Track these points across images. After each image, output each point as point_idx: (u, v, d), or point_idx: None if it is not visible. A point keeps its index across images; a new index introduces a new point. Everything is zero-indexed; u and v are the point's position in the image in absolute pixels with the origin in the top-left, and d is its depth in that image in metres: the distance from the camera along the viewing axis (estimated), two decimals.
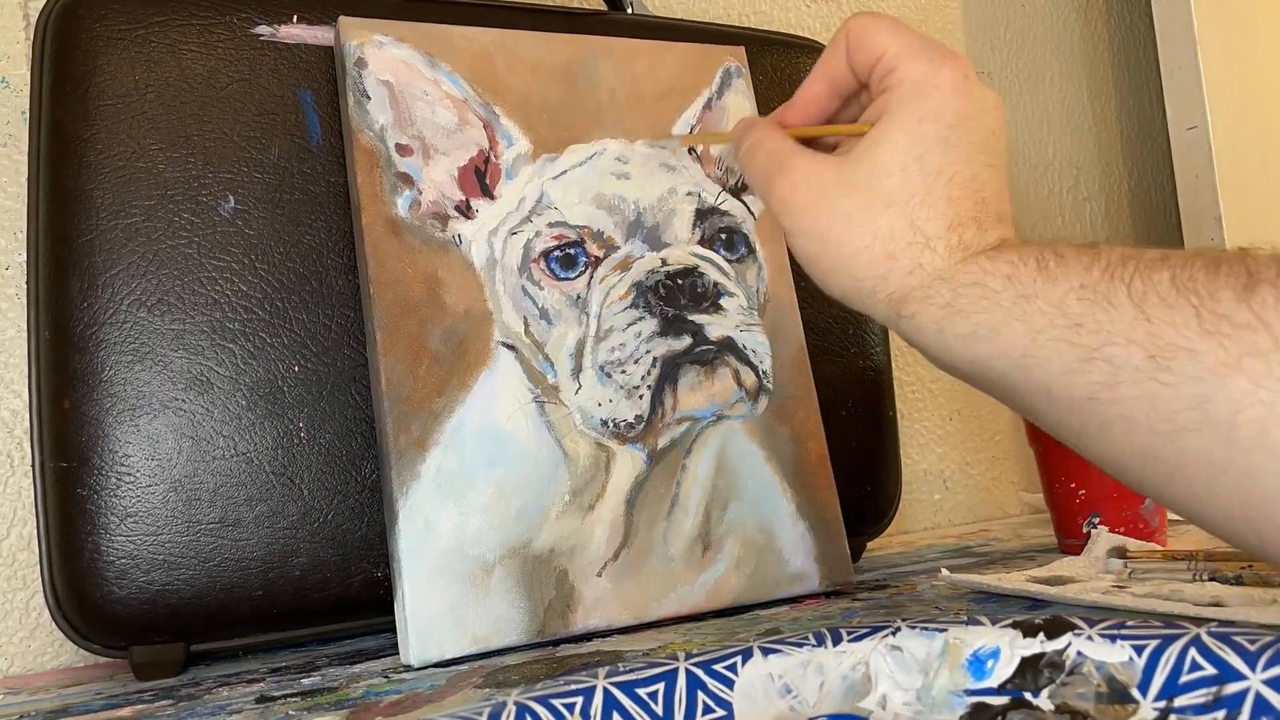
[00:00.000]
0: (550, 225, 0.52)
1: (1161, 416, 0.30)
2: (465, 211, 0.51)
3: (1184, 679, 0.28)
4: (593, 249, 0.53)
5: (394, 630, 0.48)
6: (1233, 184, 0.86)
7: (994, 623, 0.32)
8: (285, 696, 0.42)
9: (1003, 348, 0.34)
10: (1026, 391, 0.34)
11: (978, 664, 0.31)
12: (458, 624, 0.46)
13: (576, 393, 0.51)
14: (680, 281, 0.53)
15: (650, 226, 0.54)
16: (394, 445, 0.47)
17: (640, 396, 0.51)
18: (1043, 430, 0.36)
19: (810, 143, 0.41)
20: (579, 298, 0.52)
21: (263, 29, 0.53)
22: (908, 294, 0.36)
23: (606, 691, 0.30)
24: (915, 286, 0.36)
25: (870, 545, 0.68)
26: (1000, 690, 0.30)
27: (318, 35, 0.53)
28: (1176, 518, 0.72)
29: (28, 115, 0.51)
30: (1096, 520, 0.60)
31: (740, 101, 0.60)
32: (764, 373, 0.55)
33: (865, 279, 0.37)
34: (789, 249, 0.40)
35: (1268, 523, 0.28)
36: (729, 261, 0.55)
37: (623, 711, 0.29)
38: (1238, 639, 0.27)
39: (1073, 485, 0.61)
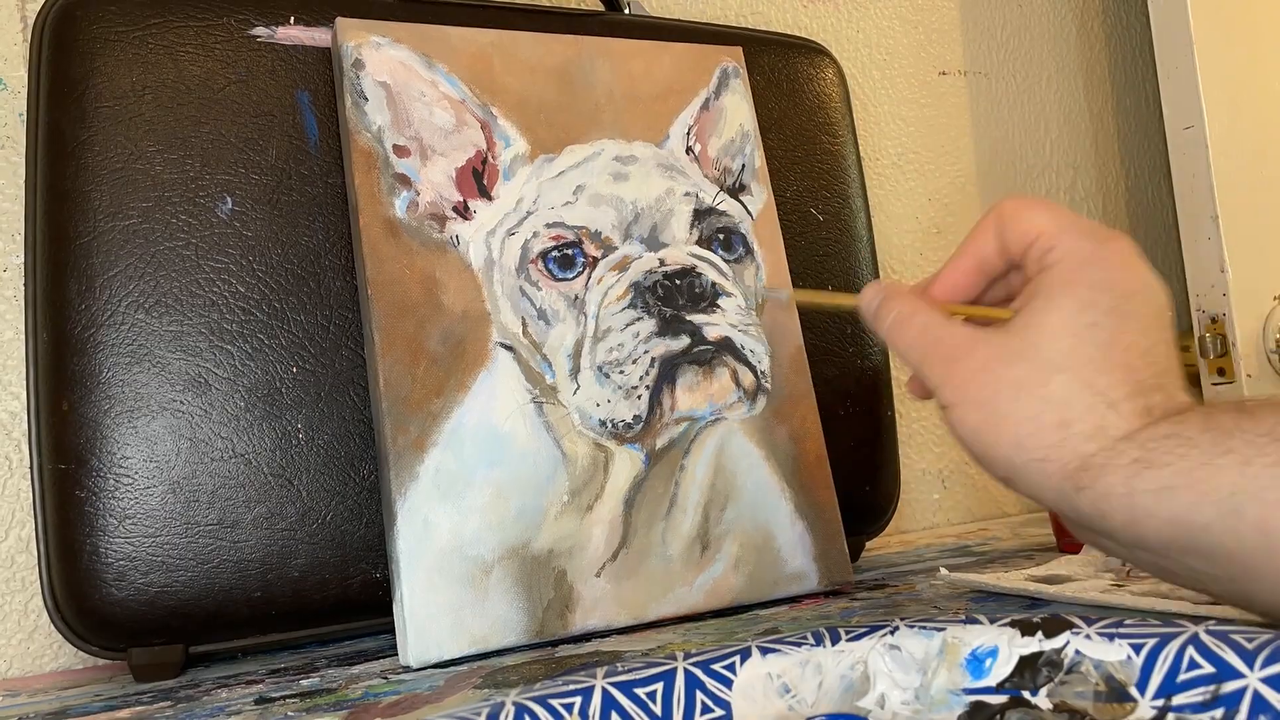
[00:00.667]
0: (548, 226, 0.52)
1: None
2: (463, 212, 0.52)
3: (1182, 677, 0.28)
4: (590, 249, 0.53)
5: (393, 631, 0.48)
6: (1229, 184, 0.86)
7: (992, 622, 0.32)
8: (284, 698, 0.42)
9: (1205, 491, 0.31)
10: (1238, 535, 0.30)
11: (976, 663, 0.31)
12: (456, 625, 0.46)
13: (575, 393, 0.51)
14: (678, 282, 0.53)
15: (648, 227, 0.54)
16: (392, 446, 0.47)
17: (638, 397, 0.51)
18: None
19: None
20: (577, 298, 0.52)
21: (260, 30, 0.53)
22: (1086, 460, 0.33)
23: (605, 691, 0.30)
24: (1096, 451, 0.33)
25: (869, 545, 0.69)
26: (998, 689, 0.30)
27: (315, 37, 0.53)
28: None
29: (25, 117, 0.51)
30: None
31: (738, 102, 0.60)
32: (762, 373, 0.55)
33: (1035, 449, 0.34)
34: (949, 427, 0.37)
35: None
36: (727, 262, 0.56)
37: (621, 711, 0.29)
38: (1235, 637, 0.27)
39: None
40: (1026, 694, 0.30)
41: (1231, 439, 0.31)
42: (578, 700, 0.29)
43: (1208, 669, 0.27)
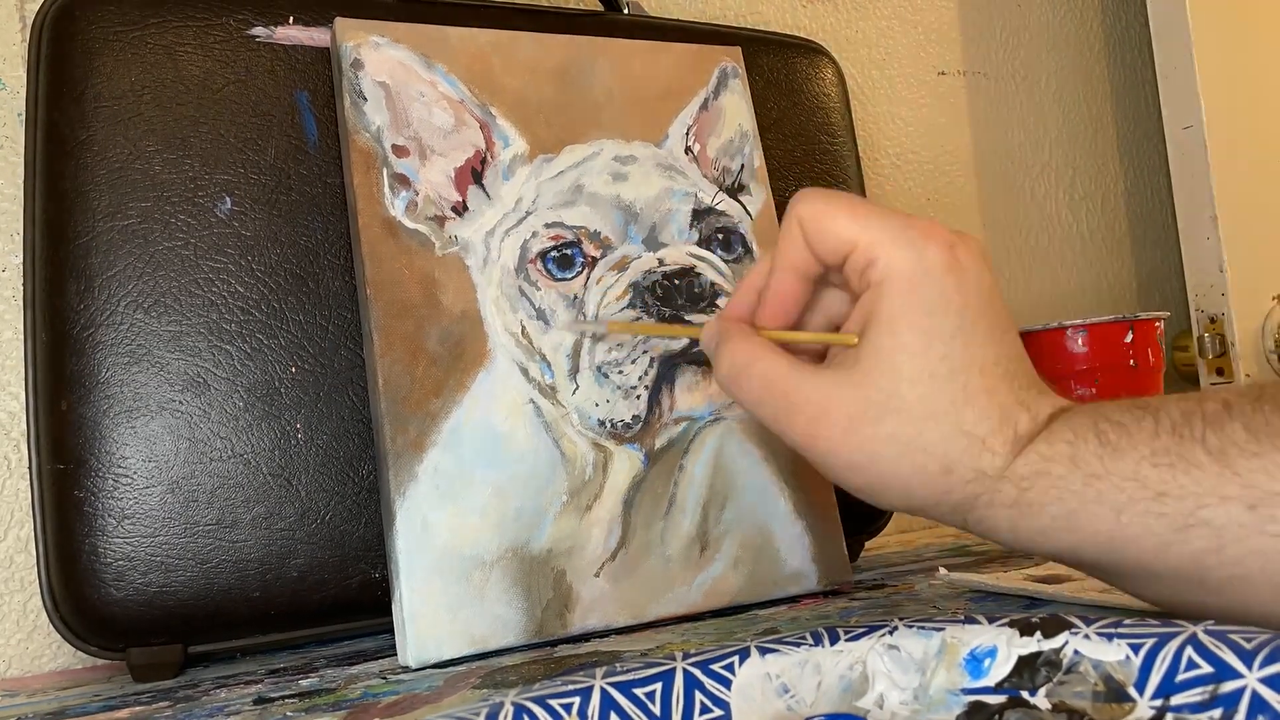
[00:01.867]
0: (547, 226, 0.52)
1: (1278, 568, 0.29)
2: (462, 212, 0.52)
3: (1180, 677, 0.28)
4: (589, 249, 0.53)
5: (392, 631, 0.48)
6: (1228, 184, 0.86)
7: (991, 621, 0.32)
8: (283, 698, 0.42)
9: (1085, 535, 0.32)
10: (1121, 575, 0.33)
11: (975, 663, 0.31)
12: (455, 625, 0.46)
13: (574, 393, 0.51)
14: (677, 282, 0.53)
15: (647, 227, 0.54)
16: (391, 446, 0.47)
17: (638, 397, 0.51)
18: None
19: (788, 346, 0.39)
20: (576, 298, 0.52)
21: (259, 30, 0.53)
22: (972, 501, 0.35)
23: (604, 691, 0.30)
24: (979, 493, 0.34)
25: (868, 544, 0.68)
26: (997, 689, 0.30)
27: (314, 36, 0.53)
28: None
29: (24, 117, 0.51)
30: None
31: (737, 102, 0.60)
32: None
33: (926, 498, 0.35)
34: (824, 475, 0.37)
35: None
36: (726, 262, 0.56)
37: (620, 711, 0.29)
38: (1234, 637, 0.27)
39: None
40: (1025, 694, 0.30)
41: (1100, 481, 0.32)
42: (576, 700, 0.29)
43: (1206, 669, 0.27)
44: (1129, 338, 0.60)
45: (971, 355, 0.34)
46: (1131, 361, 0.60)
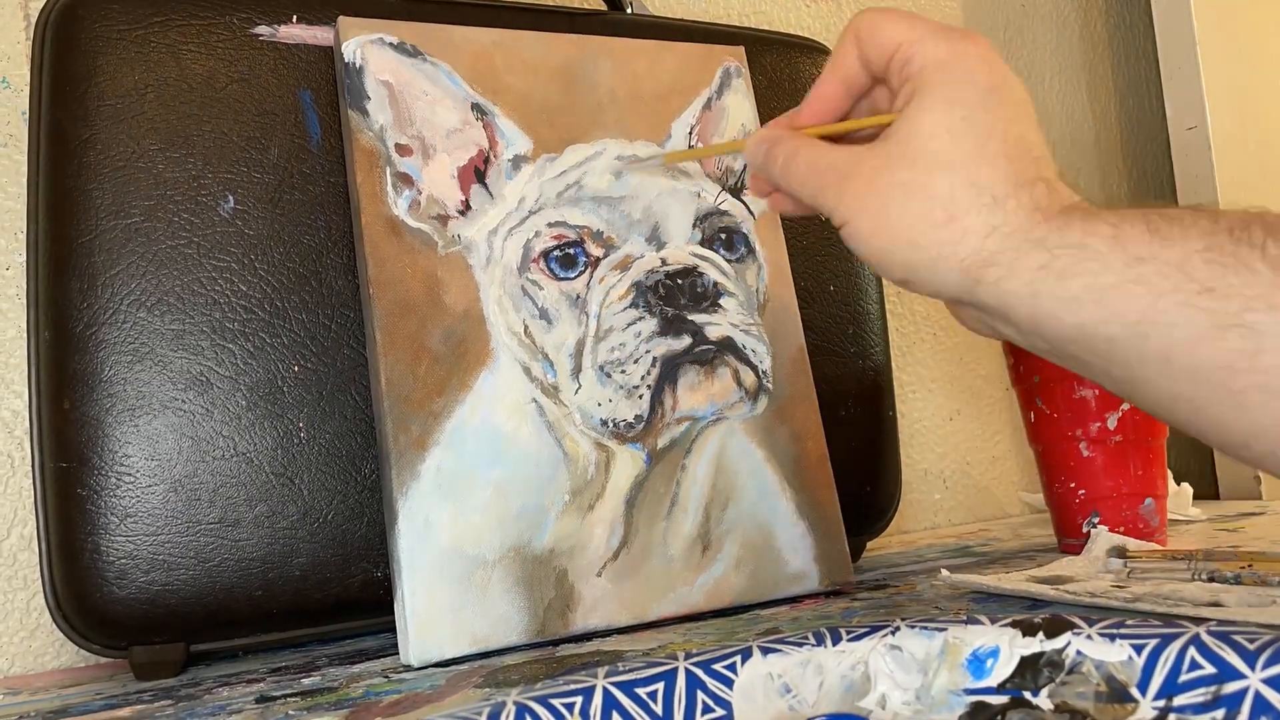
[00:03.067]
0: (550, 225, 0.52)
1: None
2: (465, 211, 0.52)
3: (1183, 678, 0.28)
4: (592, 249, 0.53)
5: (394, 630, 0.48)
6: (1232, 184, 0.86)
7: (993, 622, 0.32)
8: (285, 696, 0.42)
9: (1114, 311, 0.31)
10: (1138, 361, 0.32)
11: (977, 663, 0.31)
12: (457, 624, 0.46)
13: (576, 393, 0.51)
14: (680, 281, 0.53)
15: (650, 226, 0.54)
16: (394, 445, 0.47)
17: (640, 396, 0.51)
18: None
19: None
20: (579, 297, 0.52)
21: (262, 29, 0.53)
22: (989, 258, 0.34)
23: (606, 691, 0.30)
24: (996, 250, 0.34)
25: (870, 545, 0.68)
26: (1000, 689, 0.30)
27: (317, 35, 0.53)
28: (1177, 517, 0.72)
29: (28, 115, 0.51)
30: (1096, 520, 0.60)
31: (740, 101, 0.60)
32: (763, 372, 0.55)
33: (929, 246, 0.35)
34: (849, 243, 0.38)
35: None
36: (729, 261, 0.55)
37: (622, 711, 0.29)
38: (1237, 638, 0.27)
39: (1072, 485, 0.61)
40: (1028, 694, 0.30)
41: (1143, 264, 0.31)
42: (579, 700, 0.29)
43: (1209, 670, 0.27)
44: None
45: (994, 123, 0.35)
46: None
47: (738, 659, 0.32)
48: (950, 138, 0.35)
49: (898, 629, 0.33)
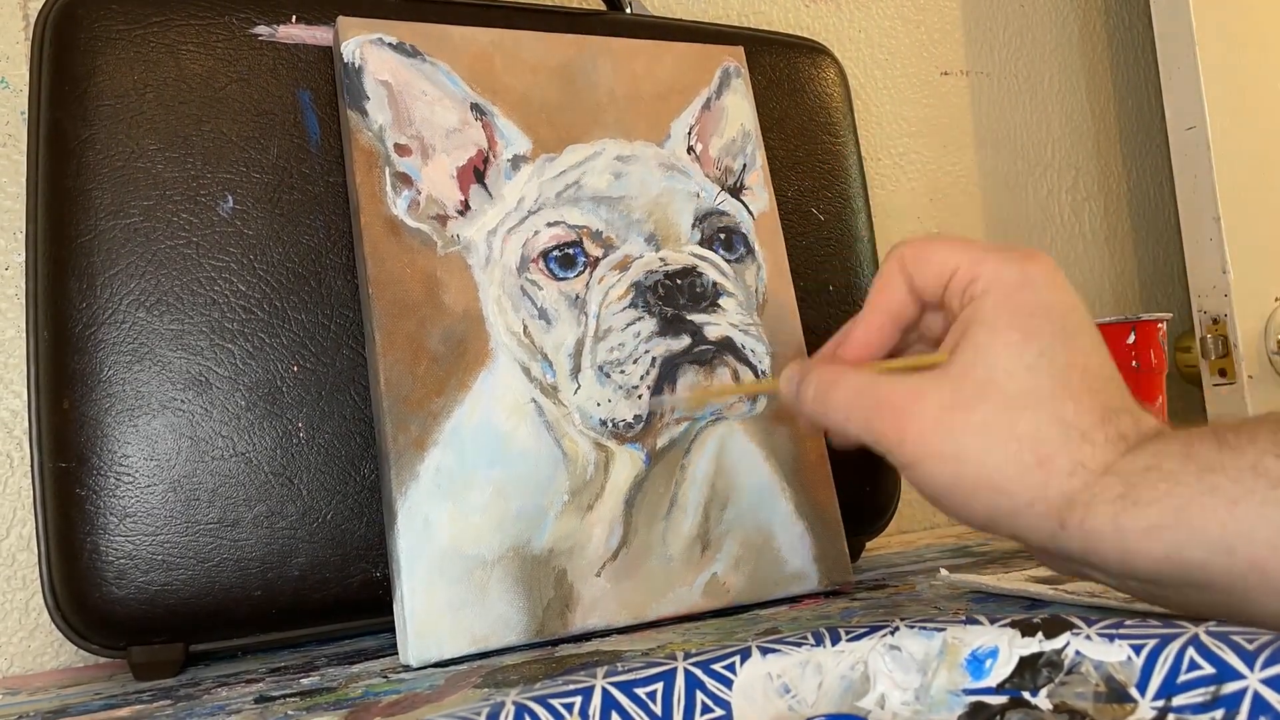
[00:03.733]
0: (549, 225, 0.52)
1: None
2: (464, 211, 0.52)
3: (1182, 678, 0.28)
4: (591, 249, 0.53)
5: (393, 630, 0.48)
6: (1231, 184, 0.86)
7: (992, 622, 0.32)
8: (284, 696, 0.42)
9: (1195, 529, 0.30)
10: (1231, 572, 0.30)
11: (976, 663, 0.31)
12: (456, 624, 0.46)
13: (575, 393, 0.51)
14: (679, 281, 0.53)
15: (649, 226, 0.54)
16: (393, 445, 0.47)
17: (639, 396, 0.51)
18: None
19: None
20: (578, 297, 0.52)
21: (261, 29, 0.53)
22: (1073, 498, 0.32)
23: (605, 691, 0.30)
24: (1079, 489, 0.32)
25: (869, 545, 0.68)
26: (999, 690, 0.30)
27: (316, 35, 0.53)
28: None
29: (26, 115, 0.51)
30: None
31: (739, 101, 0.60)
32: (763, 372, 0.55)
33: (1020, 494, 0.32)
34: (915, 485, 0.35)
35: None
36: (728, 261, 0.55)
37: (621, 711, 0.29)
38: (1236, 638, 0.27)
39: None
40: (1027, 694, 0.30)
41: (1215, 474, 0.30)
42: (578, 700, 0.29)
43: (1208, 670, 0.27)
44: (1131, 339, 0.59)
45: (1073, 356, 0.33)
46: (1134, 362, 0.60)
47: (737, 659, 0.32)
48: (1030, 374, 0.33)
49: (897, 629, 0.33)
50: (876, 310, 0.38)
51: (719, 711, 0.30)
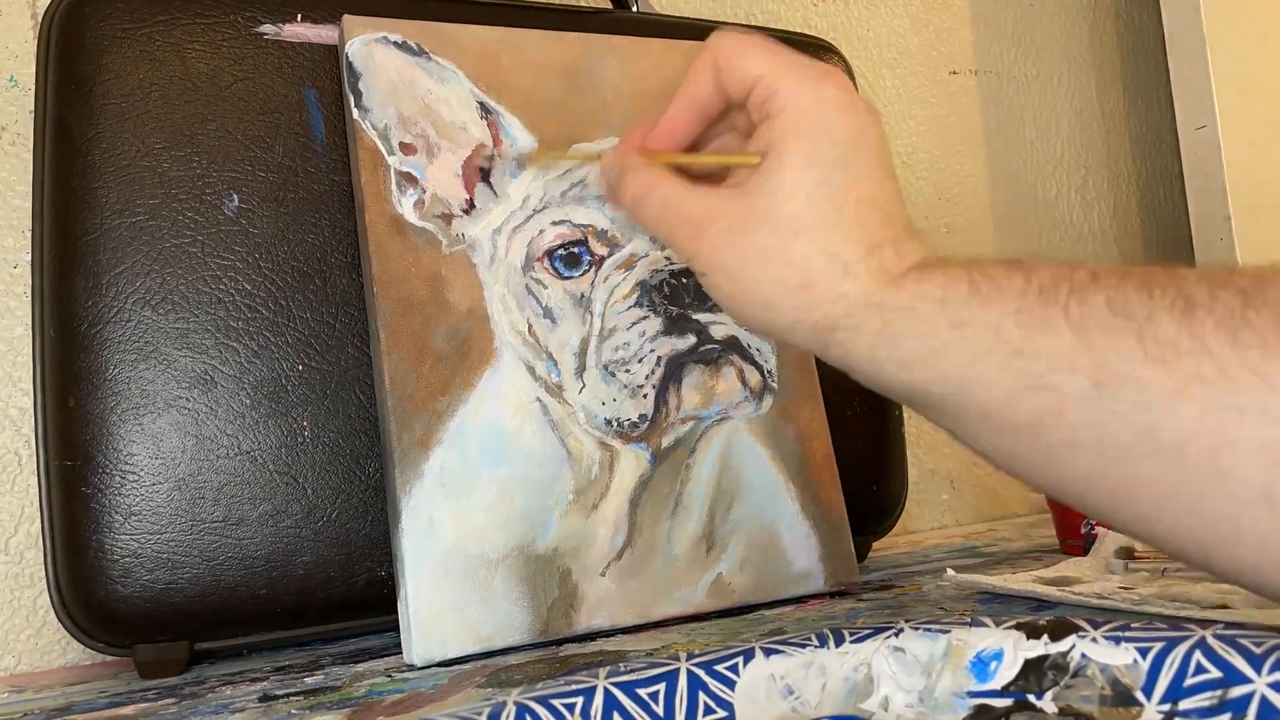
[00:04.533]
0: (554, 223, 0.52)
1: (1110, 443, 0.30)
2: (469, 210, 0.51)
3: (1189, 682, 0.27)
4: (597, 247, 0.52)
5: (397, 629, 0.48)
6: (1242, 184, 0.86)
7: (998, 624, 0.32)
8: (288, 695, 0.42)
9: (940, 373, 0.34)
10: (963, 416, 0.34)
11: (981, 666, 0.31)
12: (461, 623, 0.46)
13: (580, 392, 0.51)
14: (684, 280, 0.53)
15: None
16: (397, 444, 0.47)
17: (644, 396, 0.51)
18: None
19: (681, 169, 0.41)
20: (583, 296, 0.52)
21: (267, 28, 0.53)
22: (835, 323, 0.36)
23: (607, 691, 0.29)
24: (841, 315, 0.36)
25: (876, 545, 0.68)
26: (1003, 692, 0.30)
27: (322, 34, 0.53)
28: None
29: (34, 114, 0.51)
30: (1094, 521, 0.60)
31: None
32: (769, 372, 0.55)
33: (785, 311, 0.37)
34: (706, 290, 0.39)
35: (1216, 545, 0.29)
36: None
37: (623, 712, 0.29)
38: (1243, 641, 0.27)
39: None
40: (1032, 697, 0.30)
41: (964, 328, 0.33)
42: (579, 700, 0.29)
43: (1215, 673, 0.27)
44: None
45: (849, 185, 0.36)
46: None
47: (740, 660, 0.31)
48: (808, 201, 0.36)
49: (901, 630, 0.32)
50: (683, 99, 0.41)
51: (721, 713, 0.30)
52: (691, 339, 0.52)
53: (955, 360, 0.33)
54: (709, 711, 0.30)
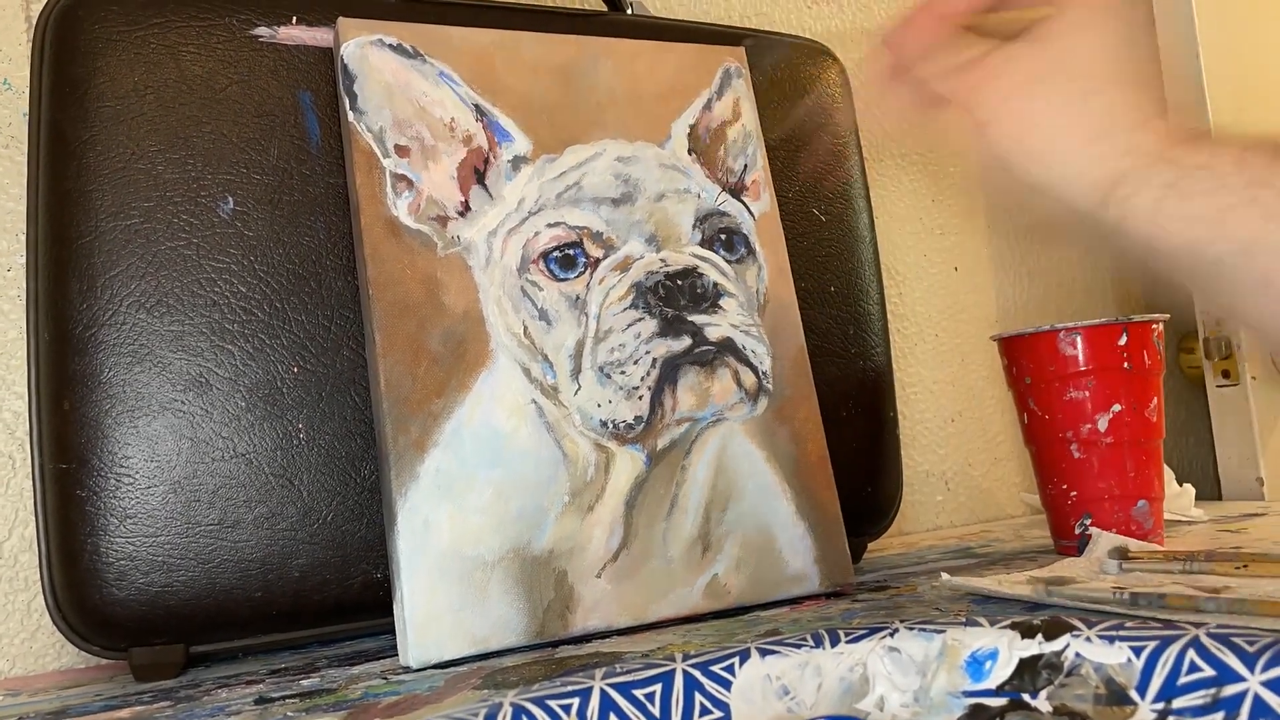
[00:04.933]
0: (549, 226, 0.52)
1: None
2: (464, 212, 0.51)
3: (1182, 680, 0.28)
4: (592, 249, 0.53)
5: (393, 631, 0.48)
6: None
7: (992, 624, 0.32)
8: (284, 698, 0.42)
9: (1225, 231, 0.33)
10: (1240, 281, 0.34)
11: (976, 665, 0.31)
12: (457, 625, 0.46)
13: (576, 394, 0.51)
14: (680, 282, 0.53)
15: (650, 227, 0.54)
16: (393, 446, 0.47)
17: (640, 397, 0.51)
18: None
19: None
20: (578, 298, 0.52)
21: (262, 30, 0.53)
22: (1123, 175, 0.36)
23: (603, 693, 0.29)
24: (1131, 167, 0.35)
25: (871, 546, 0.68)
26: (998, 692, 0.30)
27: (317, 37, 0.54)
28: (1179, 518, 0.72)
29: (28, 117, 0.51)
30: (1088, 522, 0.60)
31: (740, 102, 0.60)
32: (764, 373, 0.55)
33: (1075, 164, 0.36)
34: (983, 145, 0.38)
35: None
36: (728, 262, 0.55)
37: (619, 713, 0.29)
38: (1236, 640, 0.27)
39: (1064, 487, 0.61)
40: (1026, 697, 0.30)
41: (1261, 188, 0.33)
42: (575, 701, 0.29)
43: (1208, 672, 0.27)
44: (1123, 340, 0.59)
45: (1148, 48, 0.37)
46: (1126, 364, 0.59)
47: (736, 660, 0.32)
48: (1112, 58, 0.36)
49: (896, 631, 0.32)
50: None
51: (718, 713, 0.30)
52: (687, 341, 0.52)
53: (1247, 220, 0.33)
54: (705, 712, 0.30)
